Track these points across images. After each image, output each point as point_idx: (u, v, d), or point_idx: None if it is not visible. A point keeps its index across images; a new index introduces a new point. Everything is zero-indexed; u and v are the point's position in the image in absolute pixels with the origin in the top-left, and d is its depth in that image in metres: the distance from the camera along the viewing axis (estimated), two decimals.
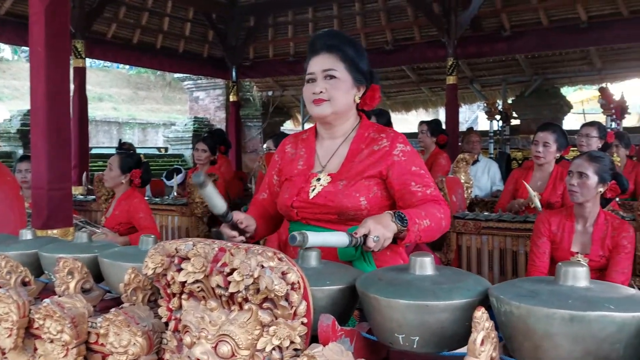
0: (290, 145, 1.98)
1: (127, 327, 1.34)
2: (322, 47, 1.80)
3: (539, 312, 0.96)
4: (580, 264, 1.06)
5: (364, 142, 1.83)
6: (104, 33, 7.75)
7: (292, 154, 1.95)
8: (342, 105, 1.80)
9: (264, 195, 2.03)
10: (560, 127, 3.68)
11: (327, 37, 1.83)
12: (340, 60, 1.78)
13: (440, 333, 1.09)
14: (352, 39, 1.87)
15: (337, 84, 1.78)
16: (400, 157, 1.77)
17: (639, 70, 8.54)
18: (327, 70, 1.77)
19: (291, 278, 1.09)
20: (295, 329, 1.10)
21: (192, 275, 1.17)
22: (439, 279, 1.17)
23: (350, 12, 8.70)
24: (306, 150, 1.91)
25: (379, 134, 1.84)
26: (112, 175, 3.83)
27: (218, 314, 1.16)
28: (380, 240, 1.52)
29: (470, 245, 3.57)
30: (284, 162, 1.96)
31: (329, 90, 1.77)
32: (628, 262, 2.69)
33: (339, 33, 1.89)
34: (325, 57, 1.79)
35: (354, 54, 1.80)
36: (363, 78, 1.82)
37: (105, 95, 22.92)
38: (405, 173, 1.76)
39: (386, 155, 1.78)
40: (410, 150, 1.81)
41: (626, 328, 0.94)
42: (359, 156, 1.81)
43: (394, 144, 1.79)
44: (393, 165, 1.76)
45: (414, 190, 1.74)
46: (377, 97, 1.87)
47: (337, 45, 1.79)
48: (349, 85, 1.80)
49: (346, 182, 1.77)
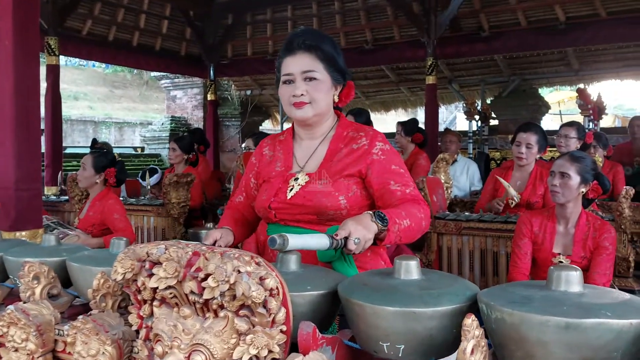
0: (267, 147, 1.92)
1: (96, 335, 1.27)
2: (300, 46, 1.72)
3: (532, 320, 0.91)
4: (573, 267, 1.02)
5: (342, 142, 1.78)
6: (79, 30, 7.59)
7: (270, 156, 1.89)
8: (324, 107, 1.75)
9: (240, 198, 1.98)
10: (541, 127, 3.67)
11: (304, 35, 1.74)
12: (319, 60, 1.71)
13: (427, 341, 1.03)
14: (329, 37, 1.79)
15: (318, 86, 1.72)
16: (380, 156, 1.73)
17: (615, 72, 8.63)
18: (307, 71, 1.71)
19: (269, 283, 1.02)
20: (274, 337, 1.04)
21: (164, 280, 1.10)
22: (425, 283, 1.11)
23: (329, 10, 8.66)
24: (284, 152, 1.86)
25: (357, 132, 1.79)
26: (85, 175, 3.72)
27: (192, 322, 1.09)
28: (362, 242, 1.47)
29: (451, 246, 3.54)
30: (262, 165, 1.90)
31: (310, 93, 1.71)
32: (609, 263, 2.68)
33: (316, 31, 1.83)
34: (304, 57, 1.72)
35: (332, 52, 1.73)
36: (341, 76, 1.77)
37: (81, 94, 22.55)
38: (385, 172, 1.71)
39: (365, 154, 1.73)
40: (389, 149, 1.76)
41: (623, 336, 0.90)
42: (338, 155, 1.76)
43: (373, 143, 1.74)
44: (372, 164, 1.72)
45: (393, 189, 1.69)
46: (352, 94, 1.83)
47: (315, 45, 1.72)
48: (329, 86, 1.75)
49: (325, 182, 1.72)
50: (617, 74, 8.80)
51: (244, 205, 1.96)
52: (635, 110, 17.26)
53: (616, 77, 9.05)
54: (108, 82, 24.26)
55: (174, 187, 4.46)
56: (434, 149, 6.34)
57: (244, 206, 1.96)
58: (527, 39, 7.26)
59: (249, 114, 11.27)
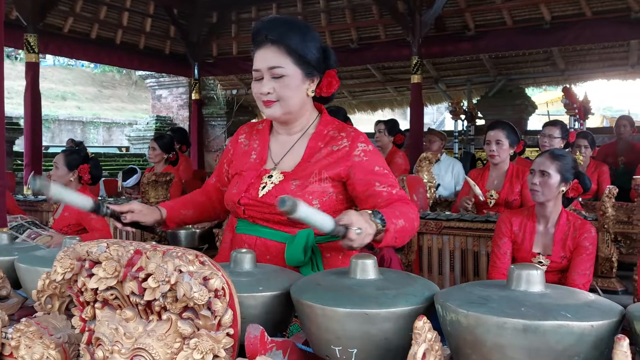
0: (244, 136, 1.81)
1: (40, 338, 1.21)
2: (265, 39, 1.60)
3: (488, 321, 0.85)
4: (534, 266, 0.96)
5: (322, 140, 1.68)
6: (60, 27, 7.46)
7: (246, 144, 1.79)
8: (294, 104, 1.63)
9: (213, 179, 1.92)
10: (510, 123, 3.65)
11: (269, 27, 1.62)
12: (286, 53, 1.58)
13: (382, 345, 0.97)
14: (298, 24, 1.66)
15: (285, 82, 1.59)
16: (362, 157, 1.63)
17: (601, 72, 8.66)
18: (272, 67, 1.59)
19: (214, 284, 0.96)
20: (220, 341, 0.97)
21: (103, 281, 1.03)
22: (382, 283, 1.05)
23: (314, 9, 8.60)
24: (260, 143, 1.76)
25: (339, 132, 1.68)
26: (59, 174, 3.64)
27: (134, 325, 1.03)
28: (362, 234, 1.35)
29: (432, 246, 3.49)
30: (236, 153, 1.80)
31: (277, 90, 1.60)
32: (589, 263, 2.64)
33: (283, 20, 1.66)
34: (270, 51, 1.60)
35: (301, 43, 1.59)
36: (314, 69, 1.63)
37: (69, 94, 22.38)
38: (369, 173, 1.62)
39: (346, 156, 1.63)
40: (372, 149, 1.66)
41: (585, 339, 0.84)
42: (317, 156, 1.66)
43: (354, 144, 1.64)
44: (354, 166, 1.62)
45: (379, 190, 1.59)
46: (334, 83, 1.67)
47: (281, 37, 1.58)
48: (299, 81, 1.61)
49: (299, 183, 1.62)
50: (604, 73, 8.83)
51: (213, 187, 1.89)
52: (624, 112, 17.35)
53: (602, 77, 9.08)
54: (96, 82, 24.09)
55: (152, 187, 4.38)
56: (419, 149, 6.29)
57: (213, 188, 1.89)
58: (512, 38, 7.25)
59: (235, 114, 11.18)
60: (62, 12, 7.38)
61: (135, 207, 1.73)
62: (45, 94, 9.64)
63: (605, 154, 5.94)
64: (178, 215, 1.83)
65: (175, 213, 1.82)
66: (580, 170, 2.75)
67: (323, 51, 1.66)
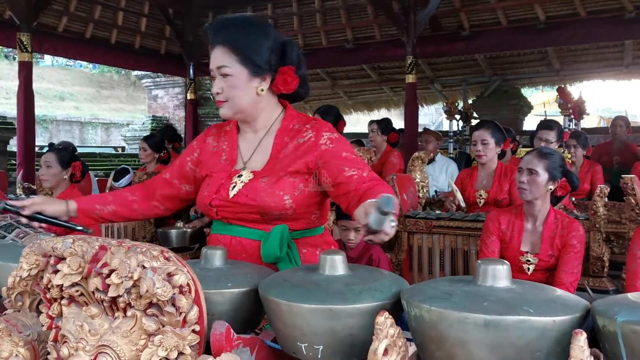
0: (212, 137, 1.81)
1: (9, 336, 1.20)
2: (213, 40, 1.61)
3: (450, 316, 0.84)
4: (501, 261, 0.95)
5: (288, 135, 1.68)
6: (54, 26, 7.44)
7: (214, 146, 1.78)
8: (243, 104, 1.63)
9: (166, 175, 1.85)
10: (494, 122, 3.65)
11: (215, 28, 1.62)
12: (231, 53, 1.58)
13: (348, 341, 0.96)
14: (246, 23, 1.63)
15: (231, 82, 1.60)
16: (329, 145, 1.62)
17: (596, 72, 8.66)
18: (219, 67, 1.60)
19: (179, 280, 0.95)
20: (185, 337, 0.96)
21: (68, 277, 1.02)
22: (350, 279, 1.04)
23: (310, 9, 8.59)
24: (229, 144, 1.75)
25: (303, 125, 1.69)
26: (52, 173, 3.60)
27: (100, 322, 1.02)
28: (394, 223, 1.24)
29: (422, 245, 3.47)
30: (204, 154, 1.79)
31: (225, 91, 1.61)
32: (577, 261, 2.62)
33: (229, 20, 1.65)
34: (218, 51, 1.60)
35: (246, 42, 1.59)
36: (262, 68, 1.60)
37: (67, 94, 22.35)
38: (337, 160, 1.61)
39: (313, 147, 1.63)
40: (337, 137, 1.67)
41: (547, 334, 0.83)
42: (284, 151, 1.66)
43: (319, 134, 1.64)
44: (322, 155, 1.62)
45: (349, 175, 1.58)
46: (290, 80, 1.63)
47: (226, 38, 1.59)
48: (245, 80, 1.60)
49: (269, 179, 1.62)
50: (599, 74, 8.83)
51: (163, 182, 1.83)
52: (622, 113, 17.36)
53: (597, 77, 9.08)
54: (95, 82, 24.06)
55: None
56: (414, 148, 6.28)
57: (164, 183, 1.83)
58: (507, 38, 7.24)
59: None
60: (56, 12, 7.36)
61: (36, 199, 1.70)
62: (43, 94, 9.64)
63: (600, 154, 5.92)
64: (92, 209, 1.78)
65: (88, 206, 1.77)
66: (567, 169, 2.74)
67: (281, 48, 1.65)
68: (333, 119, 4.07)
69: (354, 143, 6.65)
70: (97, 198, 1.87)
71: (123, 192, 1.87)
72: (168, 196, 1.82)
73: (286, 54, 1.65)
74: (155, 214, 1.87)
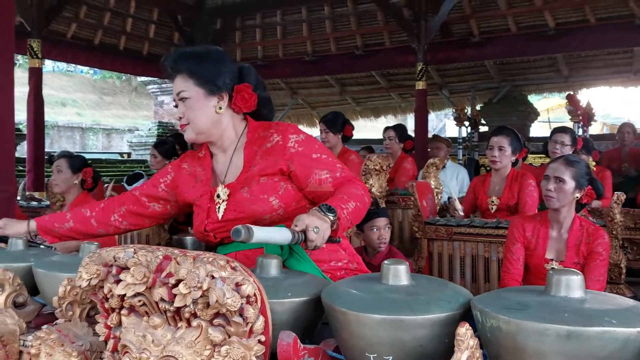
0: (187, 163, 1.86)
1: (61, 346, 1.18)
2: (171, 71, 1.70)
3: (530, 328, 0.83)
4: (574, 271, 0.94)
5: (255, 144, 1.71)
6: (64, 33, 7.48)
7: (190, 172, 1.82)
8: (203, 124, 1.68)
9: (136, 192, 1.90)
10: (514, 130, 3.65)
11: (170, 60, 1.70)
12: (188, 78, 1.66)
13: (417, 352, 0.96)
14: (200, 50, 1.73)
15: (190, 105, 1.66)
16: (297, 148, 1.66)
17: (604, 78, 8.66)
18: (179, 92, 1.67)
19: (246, 290, 0.94)
20: (252, 348, 0.95)
21: (132, 287, 1.01)
22: (414, 289, 1.04)
23: (319, 16, 8.61)
24: (204, 169, 1.79)
25: (267, 130, 1.72)
26: (63, 178, 3.59)
27: (162, 332, 1.01)
28: (321, 232, 1.41)
29: (442, 252, 3.46)
30: (180, 178, 1.83)
31: (186, 114, 1.67)
32: (603, 269, 2.61)
33: (185, 51, 1.73)
34: (176, 80, 1.68)
35: (202, 66, 1.67)
36: (217, 86, 1.66)
37: (69, 100, 22.36)
38: (307, 163, 1.66)
39: (282, 150, 1.66)
40: (304, 138, 1.70)
41: (629, 345, 0.82)
42: (255, 159, 1.69)
43: (286, 137, 1.68)
44: (292, 158, 1.65)
45: (322, 177, 1.65)
46: (248, 97, 1.69)
47: (180, 66, 1.67)
48: (202, 100, 1.66)
49: (249, 188, 1.65)
50: (607, 80, 8.82)
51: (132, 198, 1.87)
52: (623, 119, 17.38)
53: (605, 83, 9.07)
54: (97, 88, 24.08)
55: None
56: (424, 155, 6.28)
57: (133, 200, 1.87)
58: (517, 44, 7.26)
59: None
60: (66, 19, 7.39)
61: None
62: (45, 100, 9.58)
63: (609, 160, 5.93)
64: (51, 228, 1.90)
65: (48, 225, 1.89)
66: (593, 176, 2.73)
67: (238, 71, 1.72)
68: (340, 125, 4.08)
69: (364, 149, 6.68)
70: (56, 217, 1.96)
71: (81, 209, 1.95)
72: (135, 212, 1.87)
73: (243, 76, 1.72)
74: (115, 230, 1.93)
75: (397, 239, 4.27)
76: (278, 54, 9.16)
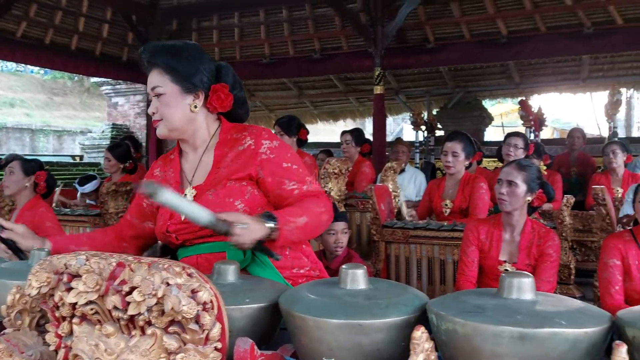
0: (158, 169, 1.82)
1: (10, 356, 1.14)
2: (147, 64, 1.66)
3: (486, 330, 0.85)
4: (525, 274, 0.96)
5: (227, 146, 1.68)
6: (13, 32, 7.24)
7: (161, 177, 1.79)
8: (177, 120, 1.66)
9: (127, 216, 1.87)
10: (467, 135, 3.74)
11: (146, 53, 1.66)
12: (164, 73, 1.63)
13: (375, 355, 0.96)
14: (178, 45, 1.69)
15: (164, 101, 1.64)
16: (269, 155, 1.64)
17: (554, 85, 8.94)
18: (153, 88, 1.64)
19: (203, 297, 0.93)
20: (208, 355, 0.94)
21: (83, 295, 0.98)
22: (373, 293, 1.04)
23: (277, 19, 8.60)
24: (174, 170, 1.77)
25: (241, 132, 1.70)
26: (14, 179, 3.48)
27: (116, 341, 0.99)
28: (249, 230, 1.42)
29: (399, 254, 3.50)
30: None
31: (159, 110, 1.65)
32: (553, 270, 2.69)
33: (162, 45, 1.70)
34: (152, 74, 1.65)
35: (179, 62, 1.63)
36: (194, 84, 1.64)
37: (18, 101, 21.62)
38: (277, 171, 1.64)
39: (253, 156, 1.64)
40: (277, 145, 1.68)
41: (579, 345, 0.85)
42: (225, 161, 1.66)
43: (258, 142, 1.65)
44: (262, 165, 1.63)
45: (290, 189, 1.63)
46: (224, 97, 1.67)
47: (157, 60, 1.64)
48: (178, 97, 1.64)
49: (215, 191, 1.63)
50: (556, 87, 9.12)
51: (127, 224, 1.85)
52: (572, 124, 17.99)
53: (555, 90, 9.38)
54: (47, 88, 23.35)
55: (112, 197, 4.26)
56: (382, 159, 6.34)
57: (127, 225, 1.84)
58: (470, 51, 7.42)
59: None
60: (15, 17, 7.15)
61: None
62: None
63: (559, 165, 6.12)
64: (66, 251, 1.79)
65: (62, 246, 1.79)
66: (544, 180, 2.82)
67: (216, 70, 1.69)
68: (295, 128, 4.09)
69: (323, 153, 6.70)
70: (72, 238, 1.92)
71: (97, 234, 1.90)
72: (134, 236, 1.83)
73: (221, 75, 1.69)
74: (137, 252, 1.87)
75: (355, 242, 4.31)
76: (235, 55, 9.10)
